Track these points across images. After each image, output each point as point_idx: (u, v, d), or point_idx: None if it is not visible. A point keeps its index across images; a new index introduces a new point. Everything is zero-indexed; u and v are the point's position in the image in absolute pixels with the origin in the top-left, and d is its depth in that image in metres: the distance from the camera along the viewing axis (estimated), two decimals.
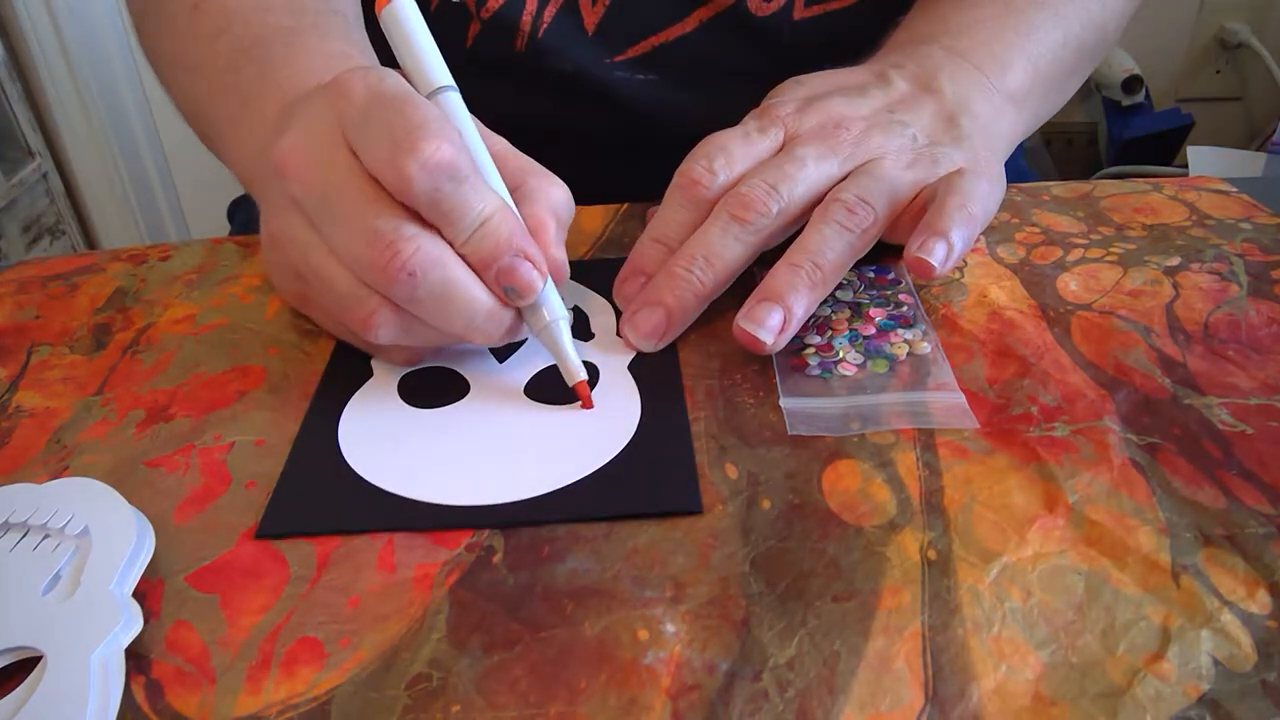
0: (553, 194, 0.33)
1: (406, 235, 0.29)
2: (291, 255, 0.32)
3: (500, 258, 0.30)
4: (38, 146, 1.28)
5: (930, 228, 0.33)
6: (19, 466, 0.32)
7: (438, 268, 0.29)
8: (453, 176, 0.28)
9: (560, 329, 0.32)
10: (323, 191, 0.30)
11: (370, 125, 0.29)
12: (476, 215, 0.30)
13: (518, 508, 0.28)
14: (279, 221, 0.32)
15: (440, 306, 0.30)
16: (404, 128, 0.28)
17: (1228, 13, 1.49)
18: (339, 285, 0.31)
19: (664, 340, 0.35)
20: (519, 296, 0.31)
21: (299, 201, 0.31)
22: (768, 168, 0.36)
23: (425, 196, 0.28)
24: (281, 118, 0.36)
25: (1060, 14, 0.45)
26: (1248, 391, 0.31)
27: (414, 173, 0.28)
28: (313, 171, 0.30)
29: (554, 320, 0.32)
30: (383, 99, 0.29)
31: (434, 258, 0.29)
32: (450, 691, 0.23)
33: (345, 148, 0.30)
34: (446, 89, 0.33)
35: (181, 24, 0.43)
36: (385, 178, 0.29)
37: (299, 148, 0.31)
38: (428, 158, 0.28)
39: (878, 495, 0.28)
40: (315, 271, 0.31)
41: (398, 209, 0.29)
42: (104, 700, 0.23)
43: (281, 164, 0.31)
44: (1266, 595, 0.24)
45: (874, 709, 0.22)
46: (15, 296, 0.42)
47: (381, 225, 0.29)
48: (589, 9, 0.51)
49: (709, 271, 0.35)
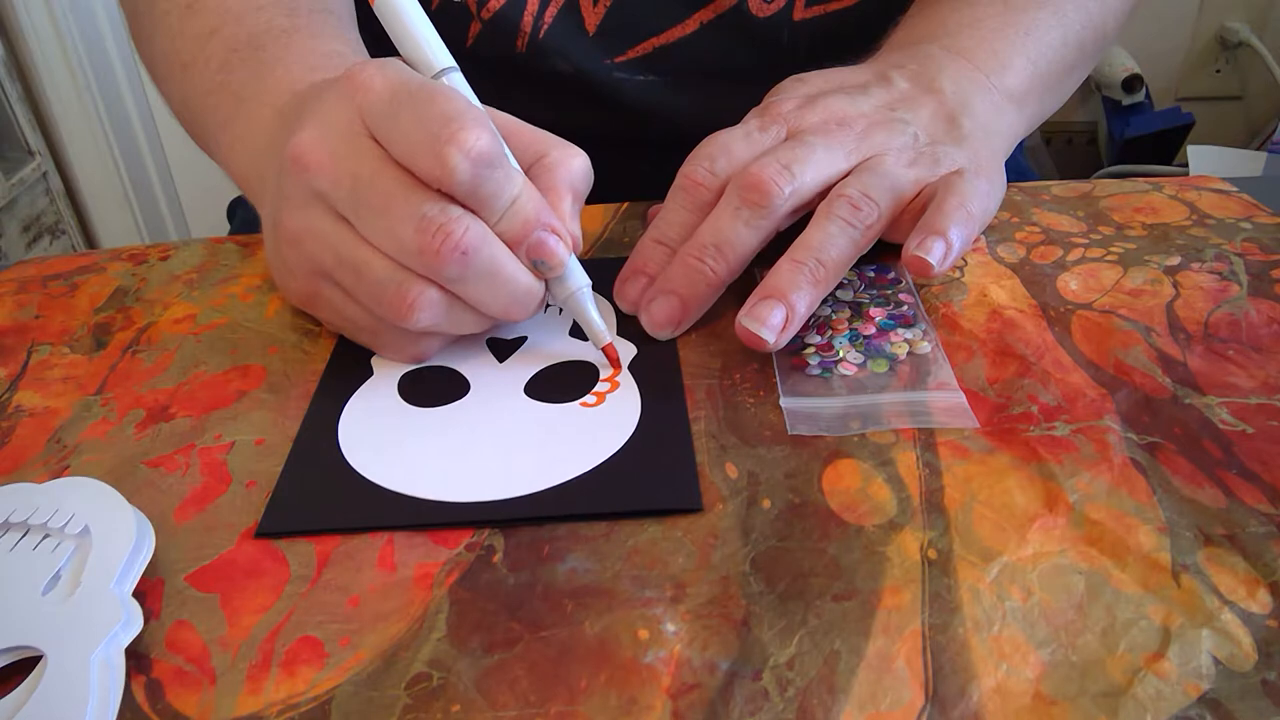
0: (573, 165, 0.34)
1: (455, 216, 0.30)
2: (315, 250, 0.32)
3: (531, 233, 0.31)
4: (38, 146, 1.28)
5: (929, 226, 0.33)
6: (19, 466, 0.32)
7: (486, 246, 0.30)
8: (491, 163, 0.29)
9: (585, 296, 0.34)
10: (354, 184, 0.30)
11: (400, 117, 0.29)
12: (509, 196, 0.31)
13: (518, 503, 0.28)
14: (300, 216, 0.32)
15: (488, 284, 0.31)
16: (440, 119, 0.29)
17: (1228, 12, 1.49)
18: (377, 272, 0.31)
19: (679, 328, 0.36)
20: (549, 269, 0.32)
21: (325, 195, 0.31)
22: (780, 150, 0.36)
23: (467, 185, 0.29)
24: (283, 115, 0.36)
25: (1060, 13, 0.45)
26: (1248, 391, 0.31)
27: (458, 163, 0.29)
28: (339, 164, 0.30)
29: (579, 288, 0.34)
30: (408, 90, 0.30)
31: (482, 237, 0.30)
32: (450, 691, 0.23)
33: (369, 139, 0.30)
34: (450, 70, 0.33)
35: (174, 24, 0.43)
36: (422, 167, 0.29)
37: (319, 142, 0.31)
38: (470, 147, 0.29)
39: (878, 495, 0.28)
40: (348, 262, 0.31)
41: (436, 194, 0.30)
42: (104, 700, 0.23)
43: (301, 158, 0.31)
44: (1267, 594, 0.24)
45: (874, 708, 0.22)
46: (15, 296, 0.42)
47: (428, 210, 0.29)
48: (590, 10, 0.51)
49: (720, 261, 0.35)
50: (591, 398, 0.33)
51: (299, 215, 0.32)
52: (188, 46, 0.42)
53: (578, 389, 0.33)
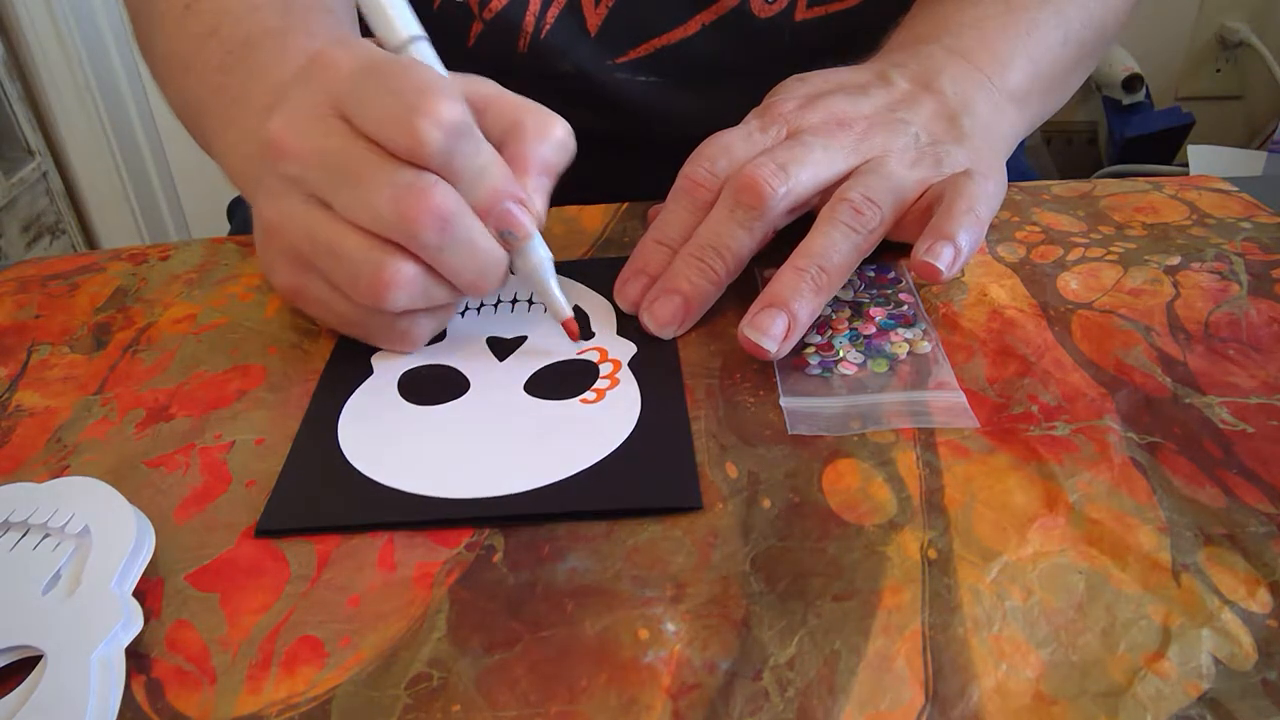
0: (548, 134, 0.34)
1: (431, 182, 0.30)
2: (293, 236, 0.32)
3: (499, 203, 0.31)
4: (38, 146, 1.28)
5: (937, 231, 0.33)
6: (19, 466, 0.32)
7: (462, 213, 0.31)
8: (462, 133, 0.29)
9: (547, 268, 0.34)
10: (324, 161, 0.30)
11: (368, 93, 0.30)
12: (479, 167, 0.31)
13: (517, 500, 0.28)
14: (275, 205, 0.32)
15: (463, 252, 0.31)
16: (410, 91, 0.29)
17: (1228, 11, 1.49)
18: (352, 252, 0.31)
19: (682, 327, 0.36)
20: (515, 239, 0.32)
21: (299, 179, 0.31)
22: (776, 150, 0.36)
23: (441, 156, 0.29)
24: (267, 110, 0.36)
25: (1061, 12, 0.45)
26: (1248, 390, 0.31)
27: (431, 133, 0.29)
28: (309, 145, 0.30)
29: (540, 260, 0.34)
30: (375, 66, 0.30)
31: (459, 204, 0.30)
32: (450, 691, 0.23)
33: (338, 118, 0.30)
34: (419, 39, 0.33)
35: (173, 24, 0.43)
36: (394, 140, 0.29)
37: (289, 125, 0.31)
38: (442, 118, 0.29)
39: (878, 494, 0.28)
40: (324, 244, 0.31)
41: (408, 165, 0.30)
42: (104, 700, 0.23)
43: (274, 144, 0.31)
44: (1267, 594, 0.24)
45: (874, 708, 0.22)
46: (15, 296, 0.42)
47: (404, 178, 0.30)
48: (592, 10, 0.51)
49: (719, 261, 0.35)
50: (591, 394, 0.33)
51: (275, 203, 0.32)
52: (186, 47, 0.42)
53: (578, 386, 0.33)
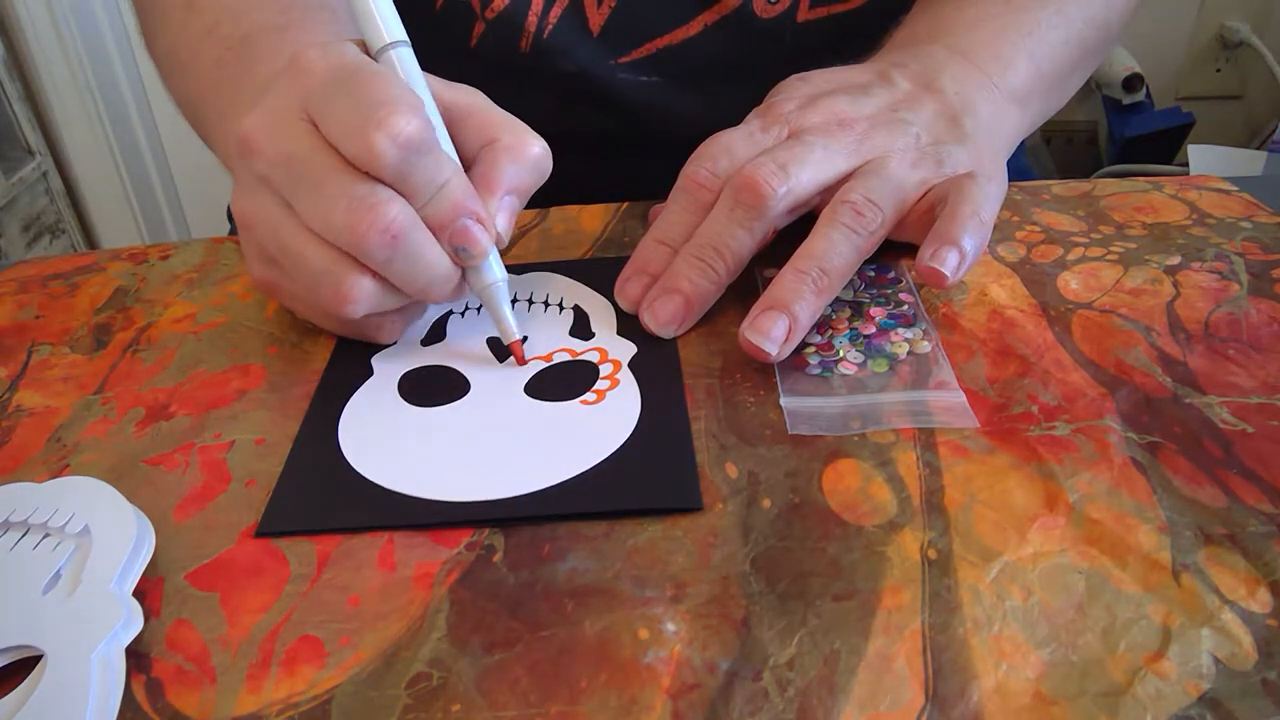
0: (523, 154, 0.33)
1: (384, 198, 0.30)
2: (262, 235, 0.32)
3: (455, 220, 0.31)
4: (38, 145, 1.28)
5: (943, 236, 0.33)
6: (19, 465, 0.32)
7: (414, 229, 0.30)
8: (419, 149, 0.29)
9: (500, 290, 0.34)
10: (288, 163, 0.30)
11: (334, 99, 0.30)
12: (437, 182, 0.31)
13: (518, 502, 0.28)
14: (249, 202, 0.32)
15: (411, 266, 0.31)
16: (371, 102, 0.29)
17: (1228, 11, 1.49)
18: (313, 262, 0.31)
19: (683, 327, 0.36)
20: (469, 256, 0.32)
21: (267, 178, 0.31)
22: (777, 150, 0.36)
23: (394, 169, 0.29)
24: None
25: (1063, 12, 0.45)
26: (1248, 390, 0.31)
27: (385, 147, 0.29)
28: (277, 145, 0.31)
29: (493, 282, 0.34)
30: (344, 72, 0.30)
31: (410, 219, 0.30)
32: (450, 691, 0.23)
33: (307, 121, 0.30)
34: (399, 44, 0.33)
35: (176, 22, 0.44)
36: (351, 150, 0.29)
37: (262, 124, 0.31)
38: (398, 133, 0.29)
39: (878, 495, 0.28)
40: (286, 249, 0.31)
41: (367, 176, 0.30)
42: (104, 699, 0.23)
43: (245, 141, 0.31)
44: (1267, 594, 0.24)
45: (874, 708, 0.22)
46: (15, 296, 0.42)
47: (359, 190, 0.30)
48: (594, 10, 0.51)
49: (720, 261, 0.35)
50: (592, 395, 0.33)
51: (248, 200, 0.32)
52: (188, 45, 0.43)
53: (578, 388, 0.33)
